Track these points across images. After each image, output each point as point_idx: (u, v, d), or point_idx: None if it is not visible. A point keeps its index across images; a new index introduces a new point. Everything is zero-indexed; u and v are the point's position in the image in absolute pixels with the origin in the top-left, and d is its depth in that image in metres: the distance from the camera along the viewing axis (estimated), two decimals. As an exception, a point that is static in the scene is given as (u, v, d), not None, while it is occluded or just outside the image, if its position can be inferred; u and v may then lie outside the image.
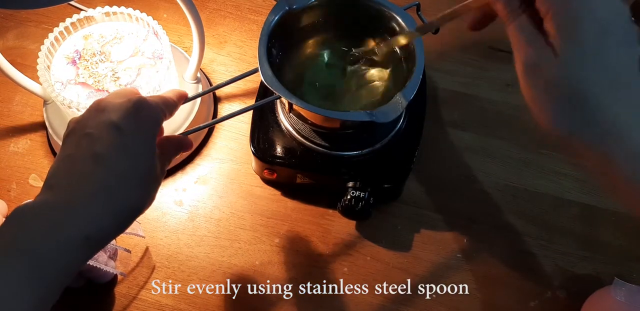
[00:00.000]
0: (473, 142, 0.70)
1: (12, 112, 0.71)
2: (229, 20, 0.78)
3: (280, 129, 0.62)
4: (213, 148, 0.70)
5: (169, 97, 0.48)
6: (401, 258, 0.64)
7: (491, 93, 0.73)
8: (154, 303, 0.61)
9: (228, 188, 0.67)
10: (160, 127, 0.45)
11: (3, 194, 0.66)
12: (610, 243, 0.65)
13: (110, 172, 0.40)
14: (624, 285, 0.56)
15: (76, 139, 0.42)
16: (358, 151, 0.61)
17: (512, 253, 0.65)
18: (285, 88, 0.51)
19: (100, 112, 0.43)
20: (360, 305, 0.62)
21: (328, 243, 0.65)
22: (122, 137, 0.41)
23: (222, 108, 0.72)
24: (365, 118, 0.50)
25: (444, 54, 0.76)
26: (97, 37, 0.62)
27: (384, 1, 0.56)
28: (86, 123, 0.43)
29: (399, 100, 0.51)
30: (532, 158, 0.70)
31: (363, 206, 0.58)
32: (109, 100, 0.44)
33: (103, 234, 0.40)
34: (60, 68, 0.61)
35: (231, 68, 0.74)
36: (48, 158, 0.68)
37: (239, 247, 0.64)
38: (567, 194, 0.68)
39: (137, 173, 0.42)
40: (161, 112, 0.45)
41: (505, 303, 0.62)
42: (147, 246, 0.64)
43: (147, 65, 0.62)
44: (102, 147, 0.41)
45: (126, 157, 0.41)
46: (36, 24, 0.76)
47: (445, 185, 0.68)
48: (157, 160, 0.43)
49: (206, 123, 0.53)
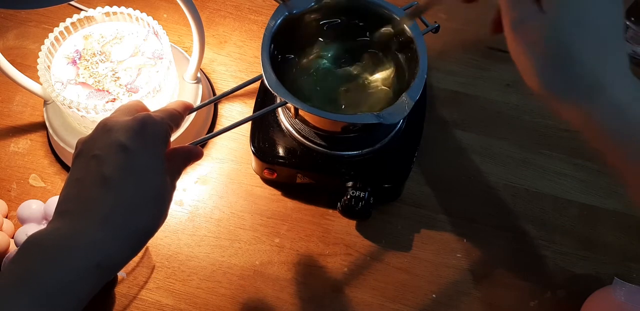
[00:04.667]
0: (473, 142, 0.70)
1: (13, 112, 0.71)
2: (229, 20, 0.78)
3: (280, 129, 0.63)
4: (213, 148, 0.70)
5: (173, 110, 0.48)
6: (401, 258, 0.64)
7: (491, 93, 0.73)
8: (154, 303, 0.61)
9: (228, 188, 0.67)
10: (167, 141, 0.45)
11: (3, 194, 0.66)
12: (610, 243, 0.65)
13: (119, 196, 0.40)
14: (624, 285, 0.56)
15: (84, 161, 0.42)
16: (358, 151, 0.61)
17: (512, 253, 0.65)
18: (291, 94, 0.51)
19: (106, 132, 0.43)
20: (360, 305, 0.62)
21: (328, 243, 0.65)
22: (130, 157, 0.41)
23: (223, 109, 0.72)
24: (372, 120, 0.50)
25: (444, 54, 0.76)
26: (97, 37, 0.62)
27: (383, 2, 0.56)
28: (93, 145, 0.43)
29: (405, 100, 0.51)
30: (532, 158, 0.70)
31: (363, 206, 0.58)
32: (115, 119, 0.44)
33: (115, 261, 0.40)
34: (61, 68, 0.61)
35: (231, 68, 0.75)
36: (48, 158, 0.68)
37: (239, 247, 0.64)
38: (567, 194, 0.68)
39: (147, 193, 0.41)
40: (167, 126, 0.45)
41: (505, 303, 0.62)
42: (147, 246, 0.64)
43: (147, 65, 0.62)
44: (110, 170, 0.41)
45: (135, 179, 0.41)
46: (36, 24, 0.76)
47: (445, 185, 0.68)
48: (166, 176, 0.43)
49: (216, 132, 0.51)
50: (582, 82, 0.36)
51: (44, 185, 0.67)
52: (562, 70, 0.36)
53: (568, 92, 0.37)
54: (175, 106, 0.49)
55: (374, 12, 0.56)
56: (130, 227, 0.40)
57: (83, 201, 0.40)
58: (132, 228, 0.40)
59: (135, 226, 0.41)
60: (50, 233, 0.39)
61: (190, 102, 0.51)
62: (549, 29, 0.36)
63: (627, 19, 0.72)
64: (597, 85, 0.36)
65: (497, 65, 0.75)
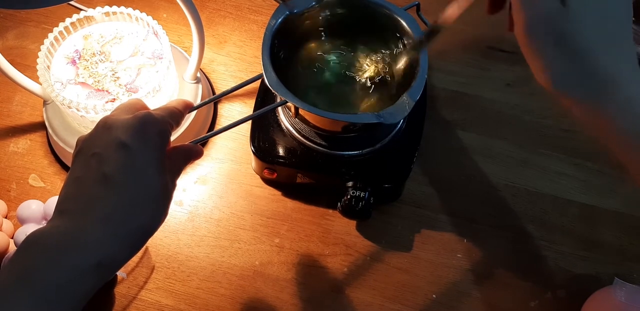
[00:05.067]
0: (473, 141, 0.70)
1: (12, 112, 0.71)
2: (229, 20, 0.78)
3: (280, 129, 0.62)
4: (213, 148, 0.69)
5: (174, 108, 0.48)
6: (401, 258, 0.64)
7: (491, 93, 0.73)
8: (154, 303, 0.61)
9: (228, 188, 0.67)
10: (168, 140, 0.45)
11: (3, 194, 0.66)
12: (610, 243, 0.65)
13: (119, 194, 0.40)
14: (624, 285, 0.56)
15: (84, 160, 0.42)
16: (358, 151, 0.61)
17: (512, 253, 0.65)
18: (291, 94, 0.51)
19: (106, 130, 0.43)
20: (360, 305, 0.62)
21: (328, 243, 0.64)
22: (130, 156, 0.41)
23: (222, 108, 0.72)
24: (373, 120, 0.50)
25: (444, 54, 0.76)
26: (97, 37, 0.62)
27: (383, 2, 0.56)
28: (93, 143, 0.42)
29: (406, 100, 0.51)
30: (532, 158, 0.70)
31: (363, 206, 0.58)
32: (115, 117, 0.44)
33: (115, 259, 0.40)
34: (60, 68, 0.61)
35: (231, 68, 0.74)
36: (48, 158, 0.68)
37: (239, 247, 0.64)
38: (567, 194, 0.68)
39: (148, 192, 0.41)
40: (167, 124, 0.45)
41: (505, 303, 0.62)
42: (147, 247, 0.64)
43: (147, 65, 0.62)
44: (110, 168, 0.40)
45: (135, 177, 0.41)
46: (36, 24, 0.76)
47: (445, 185, 0.68)
48: (167, 175, 0.43)
49: (216, 131, 0.52)
50: (597, 77, 0.37)
51: (43, 185, 0.67)
52: (579, 65, 0.37)
53: (583, 87, 0.37)
54: (176, 104, 0.49)
55: (375, 12, 0.56)
56: (131, 225, 0.40)
57: (83, 199, 0.40)
58: (132, 226, 0.40)
59: (135, 224, 0.40)
60: (49, 231, 0.39)
61: (190, 101, 0.51)
62: (571, 24, 0.36)
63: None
64: (611, 81, 0.37)
65: (497, 65, 0.75)
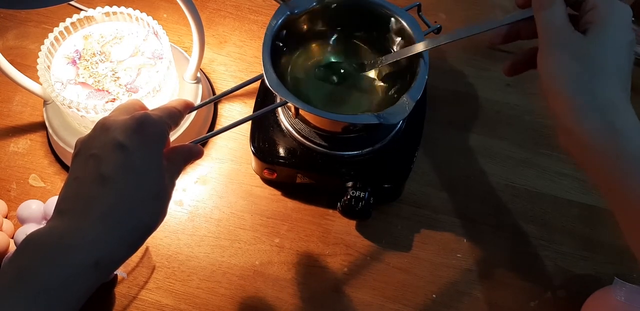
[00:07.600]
0: (473, 141, 0.70)
1: (12, 112, 0.71)
2: (229, 20, 0.78)
3: (280, 129, 0.62)
4: (213, 148, 0.70)
5: (173, 108, 0.48)
6: (401, 258, 0.64)
7: (491, 93, 0.73)
8: (154, 303, 0.61)
9: (228, 188, 0.67)
10: (166, 140, 0.45)
11: (3, 194, 0.66)
12: (610, 243, 0.65)
13: (117, 194, 0.40)
14: (624, 285, 0.56)
15: (83, 161, 0.42)
16: (358, 151, 0.61)
17: (512, 253, 0.65)
18: (292, 94, 0.51)
19: (104, 131, 0.43)
20: (360, 305, 0.62)
21: (328, 243, 0.65)
22: (128, 156, 0.41)
23: (222, 109, 0.72)
24: (373, 120, 0.50)
25: (444, 54, 0.76)
26: (97, 37, 0.62)
27: (384, 2, 0.56)
28: (91, 144, 0.43)
29: (406, 101, 0.51)
30: (532, 158, 0.70)
31: (363, 206, 0.58)
32: (113, 118, 0.44)
33: (113, 259, 0.40)
34: (60, 68, 0.61)
35: (231, 68, 0.74)
36: (48, 158, 0.68)
37: (239, 247, 0.64)
38: (567, 194, 0.68)
39: (145, 192, 0.41)
40: (166, 125, 0.45)
41: (505, 303, 0.62)
42: (147, 246, 0.64)
43: (147, 65, 0.62)
44: (108, 168, 0.41)
45: (133, 177, 0.41)
46: (36, 24, 0.76)
47: (445, 185, 0.68)
48: (165, 175, 0.43)
49: (216, 131, 0.52)
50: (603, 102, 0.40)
51: (43, 185, 0.67)
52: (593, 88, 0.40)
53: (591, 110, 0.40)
54: (176, 104, 0.49)
55: (375, 12, 0.56)
56: (129, 225, 0.40)
57: (82, 200, 0.40)
58: (131, 226, 0.40)
59: (133, 224, 0.41)
60: (48, 231, 0.39)
61: (191, 101, 0.51)
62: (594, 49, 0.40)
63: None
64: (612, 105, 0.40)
65: (497, 65, 0.75)
